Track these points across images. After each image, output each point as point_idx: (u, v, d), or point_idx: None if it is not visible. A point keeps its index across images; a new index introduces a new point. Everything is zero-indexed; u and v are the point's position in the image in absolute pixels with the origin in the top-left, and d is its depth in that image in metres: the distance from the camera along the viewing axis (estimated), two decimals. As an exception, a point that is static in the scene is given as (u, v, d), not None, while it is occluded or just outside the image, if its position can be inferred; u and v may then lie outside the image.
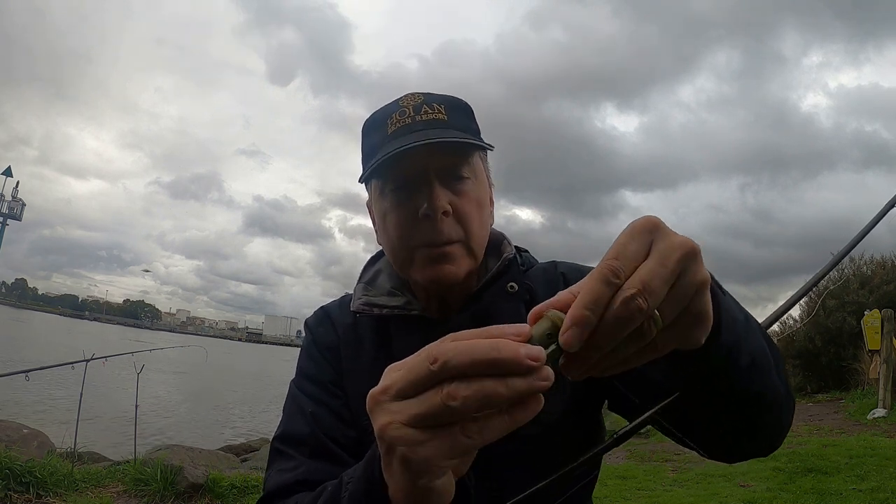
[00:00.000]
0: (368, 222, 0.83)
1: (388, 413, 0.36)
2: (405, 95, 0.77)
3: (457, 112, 0.76)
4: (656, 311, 0.35)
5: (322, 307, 0.87)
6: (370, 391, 0.37)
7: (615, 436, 0.40)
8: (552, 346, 0.34)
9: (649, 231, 0.37)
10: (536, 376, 0.33)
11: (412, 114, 0.73)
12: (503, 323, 0.34)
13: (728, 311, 0.47)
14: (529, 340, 0.34)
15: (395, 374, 0.37)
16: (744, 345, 0.49)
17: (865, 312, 7.82)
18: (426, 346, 0.36)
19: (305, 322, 0.87)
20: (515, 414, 0.34)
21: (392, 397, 0.36)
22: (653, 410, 0.37)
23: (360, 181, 0.78)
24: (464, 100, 0.79)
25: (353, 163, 0.81)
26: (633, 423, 0.39)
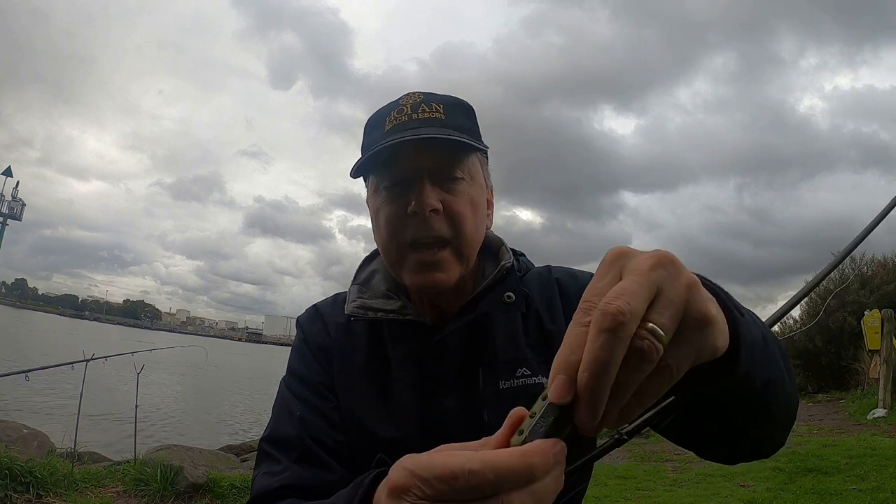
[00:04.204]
0: (369, 223, 0.83)
1: None
2: (405, 94, 0.76)
3: (455, 111, 0.76)
4: (651, 325, 0.32)
5: (314, 305, 0.87)
6: (395, 479, 0.35)
7: (614, 437, 0.39)
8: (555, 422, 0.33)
9: (615, 260, 0.36)
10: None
11: (409, 112, 0.73)
12: (499, 333, 0.31)
13: (747, 338, 0.43)
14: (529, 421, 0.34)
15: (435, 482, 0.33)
16: (760, 369, 0.46)
17: (865, 312, 7.82)
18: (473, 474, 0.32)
19: (297, 320, 0.86)
20: None
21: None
22: (650, 412, 0.36)
23: (350, 175, 0.78)
24: (465, 100, 0.78)
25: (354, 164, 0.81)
26: (632, 425, 0.37)
